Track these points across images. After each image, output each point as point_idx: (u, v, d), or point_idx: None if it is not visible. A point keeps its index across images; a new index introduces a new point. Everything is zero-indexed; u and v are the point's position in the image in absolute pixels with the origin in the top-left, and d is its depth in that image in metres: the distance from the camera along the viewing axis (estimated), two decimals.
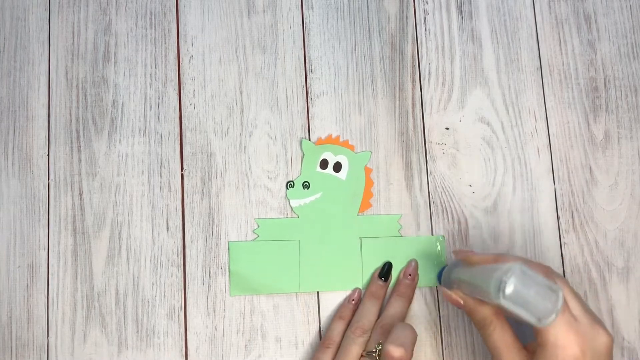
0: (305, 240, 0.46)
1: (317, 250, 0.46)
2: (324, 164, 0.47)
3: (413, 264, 0.45)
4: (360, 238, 0.46)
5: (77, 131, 0.47)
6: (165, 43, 0.48)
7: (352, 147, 0.47)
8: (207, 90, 0.48)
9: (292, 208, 0.46)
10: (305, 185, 0.46)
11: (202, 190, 0.47)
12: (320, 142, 0.47)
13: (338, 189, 0.47)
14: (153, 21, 0.49)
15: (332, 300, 0.46)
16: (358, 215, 0.46)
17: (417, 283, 0.45)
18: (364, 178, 0.47)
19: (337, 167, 0.47)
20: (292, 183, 0.46)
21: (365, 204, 0.46)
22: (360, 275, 0.46)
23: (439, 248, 0.46)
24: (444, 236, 0.46)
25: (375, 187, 0.47)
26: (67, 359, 0.44)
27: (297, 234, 0.46)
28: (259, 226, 0.46)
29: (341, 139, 0.47)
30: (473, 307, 0.38)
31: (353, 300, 0.45)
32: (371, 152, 0.47)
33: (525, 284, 0.33)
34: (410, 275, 0.45)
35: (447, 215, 0.47)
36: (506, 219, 0.47)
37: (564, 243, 0.47)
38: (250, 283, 0.45)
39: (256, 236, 0.46)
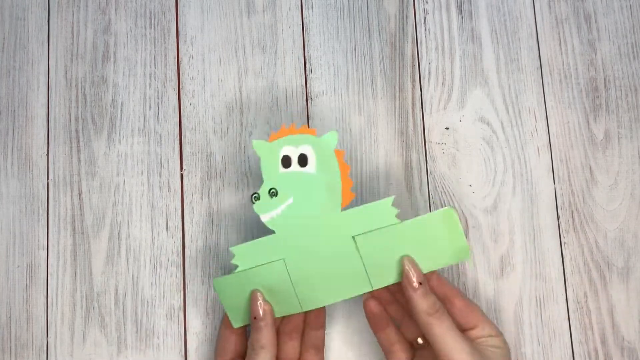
0: (291, 256, 0.39)
1: (307, 264, 0.39)
2: (286, 161, 0.40)
3: (411, 266, 0.38)
4: (353, 237, 0.39)
5: (77, 131, 0.47)
6: (165, 43, 0.48)
7: (312, 132, 0.40)
8: (206, 90, 0.48)
9: (264, 224, 0.40)
10: (273, 193, 0.39)
11: (202, 190, 0.47)
12: (273, 136, 0.40)
13: (311, 187, 0.39)
14: (152, 21, 0.49)
15: None
16: (342, 210, 0.39)
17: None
18: (337, 164, 0.39)
19: (303, 160, 0.40)
20: (256, 195, 0.39)
21: (346, 195, 0.39)
22: (365, 277, 0.39)
23: (451, 222, 0.39)
24: (453, 207, 0.41)
25: (354, 171, 0.45)
26: (66, 359, 0.44)
27: (280, 252, 0.40)
28: (235, 255, 0.40)
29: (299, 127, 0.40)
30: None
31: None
32: (337, 130, 0.42)
33: None
34: (420, 282, 0.37)
35: None
36: (506, 219, 0.47)
37: (564, 243, 0.47)
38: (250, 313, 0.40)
39: (236, 266, 0.40)
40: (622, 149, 0.48)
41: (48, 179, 0.46)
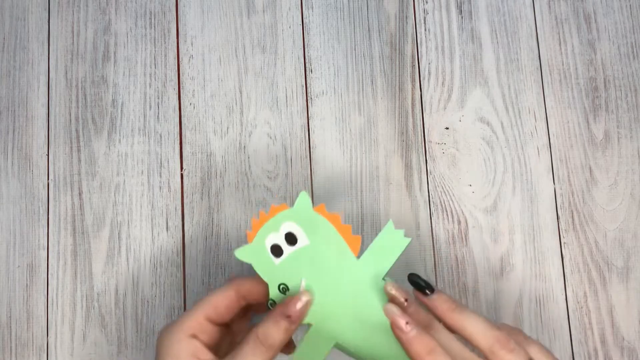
0: (319, 316, 0.36)
1: (337, 324, 0.36)
2: (276, 251, 0.36)
3: (394, 293, 0.35)
4: (384, 278, 0.36)
5: (77, 131, 0.47)
6: (165, 43, 0.48)
7: (284, 207, 0.37)
8: (206, 90, 0.48)
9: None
10: (283, 289, 0.36)
11: (202, 190, 0.47)
12: (250, 235, 0.37)
13: (314, 258, 0.36)
14: (152, 21, 0.49)
15: None
16: (358, 258, 0.36)
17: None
18: (326, 222, 0.36)
19: (291, 239, 0.36)
20: (271, 301, 0.36)
21: (352, 241, 0.36)
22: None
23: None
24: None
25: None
26: (66, 359, 0.44)
27: (313, 317, 0.36)
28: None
29: (279, 200, 0.38)
30: None
31: None
32: (305, 190, 0.40)
33: None
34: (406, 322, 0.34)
35: (447, 215, 0.47)
36: (506, 219, 0.47)
37: (564, 243, 0.47)
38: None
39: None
40: (621, 149, 0.48)
41: (48, 179, 0.47)
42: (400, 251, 0.36)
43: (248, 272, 0.46)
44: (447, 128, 0.48)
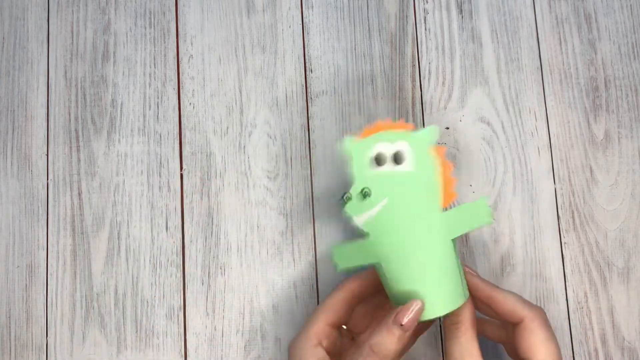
0: (387, 260, 0.36)
1: (403, 271, 0.36)
2: (379, 160, 0.37)
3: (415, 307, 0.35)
4: (452, 240, 0.36)
5: (76, 131, 0.47)
6: (165, 42, 0.48)
7: (409, 126, 0.37)
8: (206, 89, 0.48)
9: (358, 227, 0.37)
10: (365, 193, 0.36)
11: (202, 190, 0.46)
12: (367, 132, 0.37)
13: (408, 186, 0.36)
14: (152, 20, 0.49)
15: None
16: (443, 211, 0.36)
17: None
18: (436, 163, 0.36)
19: (398, 158, 0.36)
20: (348, 195, 0.36)
21: (448, 195, 0.36)
22: (460, 287, 0.37)
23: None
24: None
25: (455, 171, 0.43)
26: (66, 359, 0.44)
27: (375, 255, 0.36)
28: (334, 254, 0.38)
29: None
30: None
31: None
32: (438, 126, 0.39)
33: None
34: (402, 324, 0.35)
35: None
36: (506, 219, 0.47)
37: (564, 243, 0.46)
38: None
39: (336, 264, 0.38)
40: (622, 149, 0.48)
41: (48, 178, 0.46)
42: (477, 225, 0.36)
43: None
44: (447, 128, 0.48)
